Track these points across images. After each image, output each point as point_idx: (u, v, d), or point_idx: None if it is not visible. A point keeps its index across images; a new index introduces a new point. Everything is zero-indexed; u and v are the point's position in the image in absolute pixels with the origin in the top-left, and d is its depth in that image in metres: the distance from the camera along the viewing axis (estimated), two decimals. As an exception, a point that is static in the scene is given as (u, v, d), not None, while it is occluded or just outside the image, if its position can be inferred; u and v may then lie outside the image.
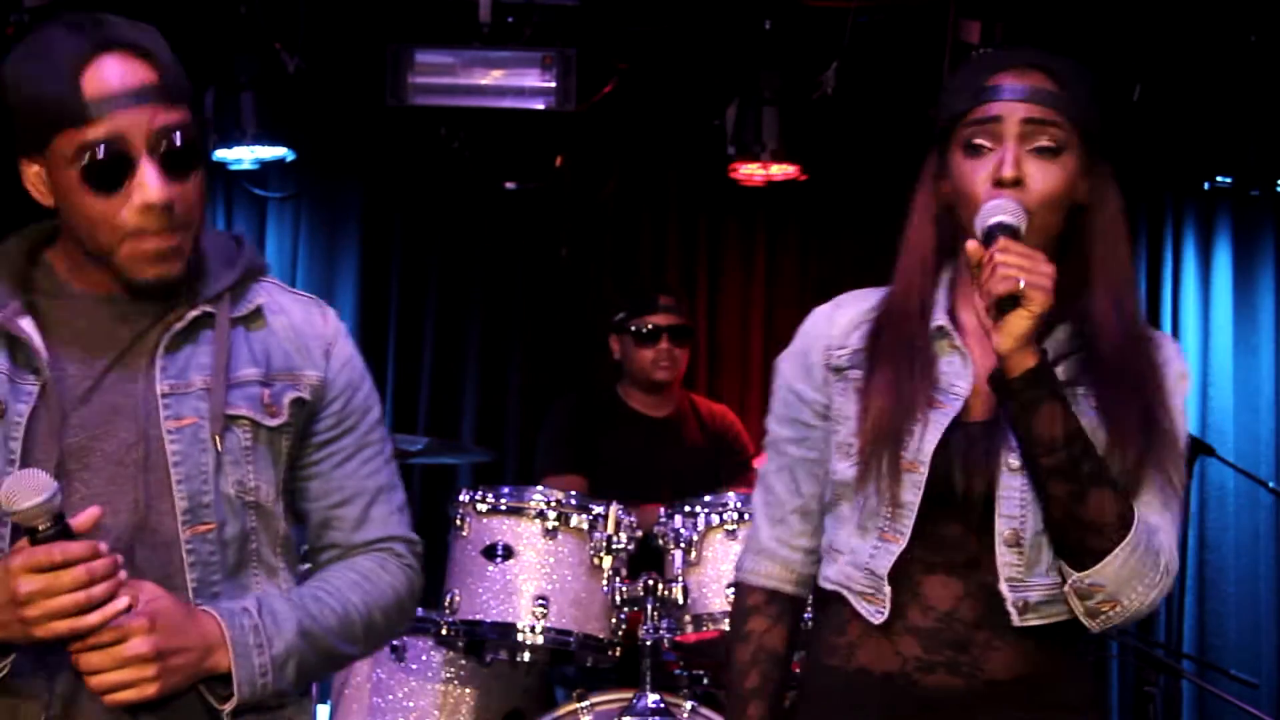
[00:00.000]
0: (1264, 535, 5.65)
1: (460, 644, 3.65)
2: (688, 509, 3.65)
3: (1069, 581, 1.91)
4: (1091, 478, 1.88)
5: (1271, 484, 5.14)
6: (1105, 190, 2.04)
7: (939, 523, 1.97)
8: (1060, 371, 1.95)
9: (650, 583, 3.47)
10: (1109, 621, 1.93)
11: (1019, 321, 1.84)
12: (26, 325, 1.87)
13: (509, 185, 5.66)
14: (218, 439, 1.88)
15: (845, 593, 2.02)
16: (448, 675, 3.80)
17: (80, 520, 1.74)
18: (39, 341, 1.86)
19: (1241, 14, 4.95)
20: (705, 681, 3.79)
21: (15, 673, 1.79)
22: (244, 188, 5.74)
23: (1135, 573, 1.89)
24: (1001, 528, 1.94)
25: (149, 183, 1.77)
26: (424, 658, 3.80)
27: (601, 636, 3.56)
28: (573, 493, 3.67)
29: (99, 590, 1.71)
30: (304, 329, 2.04)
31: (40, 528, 1.69)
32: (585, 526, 3.57)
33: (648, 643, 3.47)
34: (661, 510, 3.70)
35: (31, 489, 1.68)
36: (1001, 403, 1.92)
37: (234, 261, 1.99)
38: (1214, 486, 5.63)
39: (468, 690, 3.81)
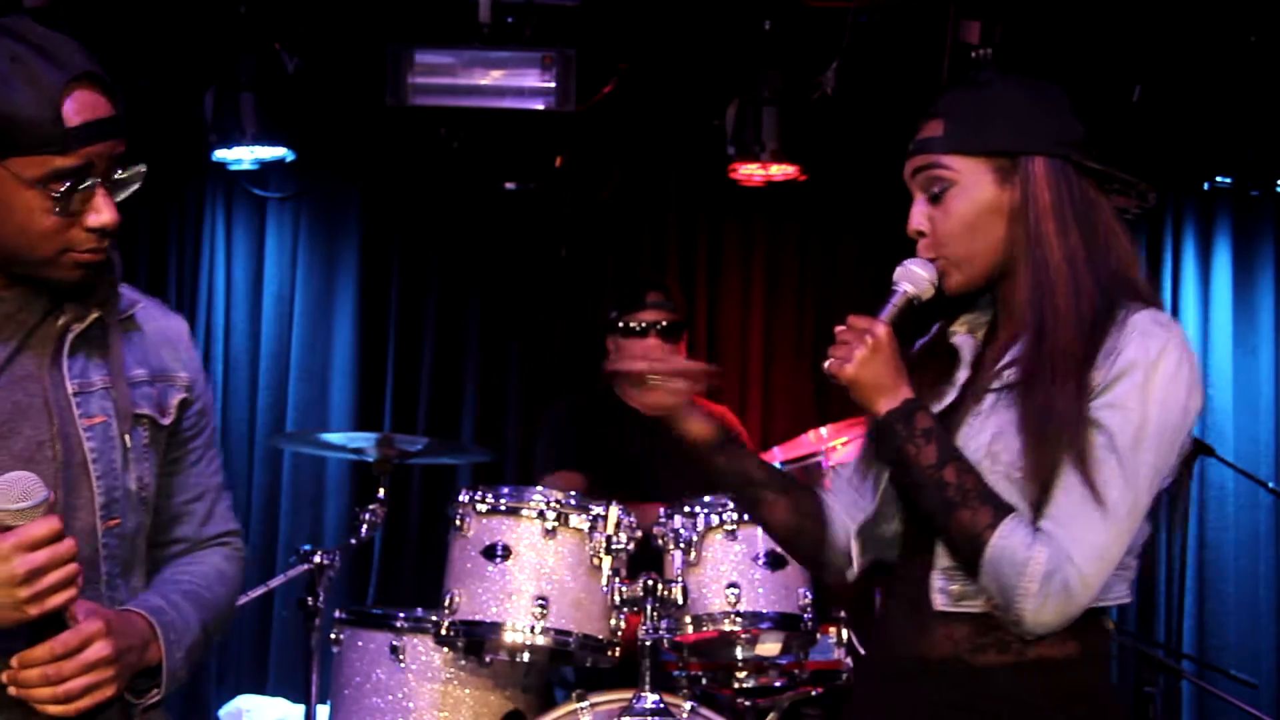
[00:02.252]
0: (1264, 535, 5.65)
1: (460, 644, 3.64)
2: (688, 509, 3.64)
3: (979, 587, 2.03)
4: (947, 503, 2.00)
5: (1271, 484, 5.14)
6: (1031, 188, 2.09)
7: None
8: (1009, 375, 2.06)
9: (650, 583, 3.47)
10: (1019, 627, 1.99)
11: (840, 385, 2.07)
12: None
13: (509, 185, 5.66)
14: (127, 437, 1.97)
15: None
16: (448, 675, 3.79)
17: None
18: None
19: (1241, 14, 4.96)
20: (705, 682, 3.79)
21: None
22: (244, 188, 5.74)
23: (1006, 583, 1.96)
24: (940, 559, 2.10)
25: (104, 208, 1.89)
26: (424, 658, 3.80)
27: (601, 637, 3.56)
28: (572, 493, 3.66)
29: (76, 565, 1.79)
30: (168, 332, 2.12)
31: (19, 526, 1.75)
32: (585, 527, 3.56)
33: (647, 643, 3.47)
34: (661, 510, 3.70)
35: (30, 490, 1.74)
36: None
37: (110, 266, 2.02)
38: (1214, 486, 5.64)
39: (468, 690, 3.80)
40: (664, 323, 4.60)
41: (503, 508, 3.59)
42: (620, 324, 4.60)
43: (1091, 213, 2.09)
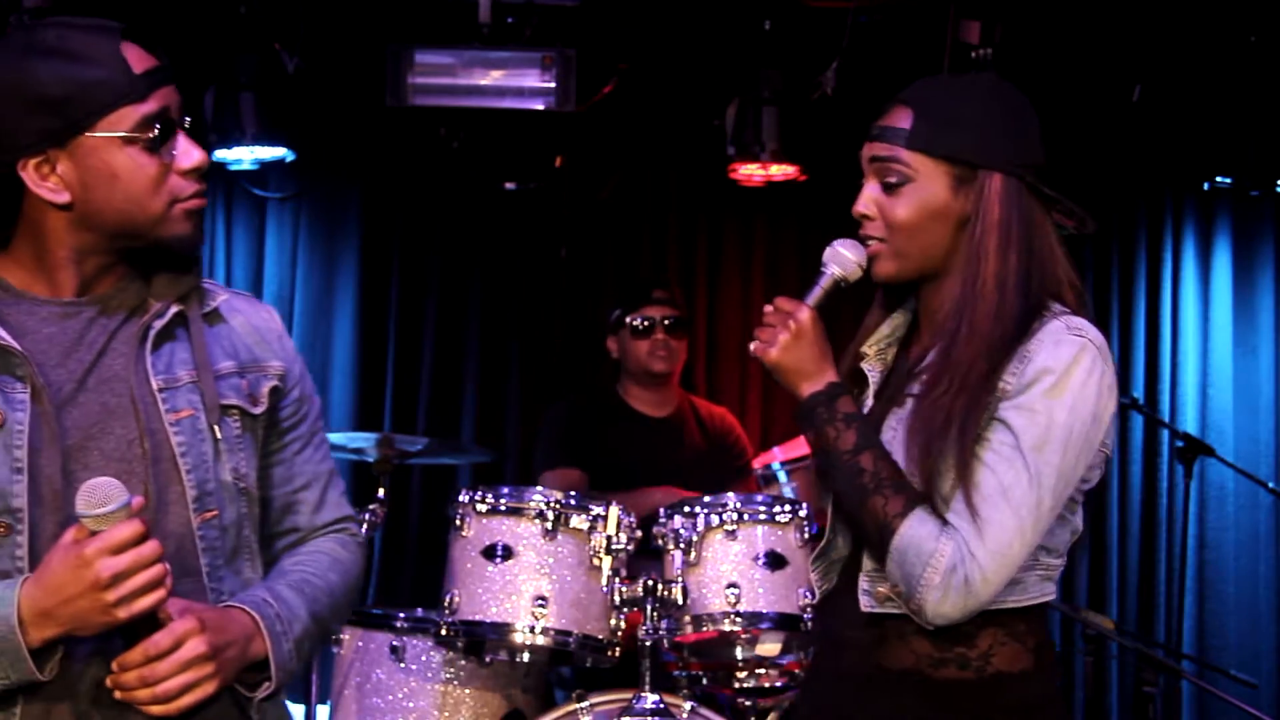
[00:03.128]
0: (1264, 535, 5.65)
1: (460, 644, 3.64)
2: (687, 509, 3.64)
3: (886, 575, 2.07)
4: (861, 490, 2.03)
5: (1271, 484, 5.15)
6: (984, 202, 2.11)
7: None
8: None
9: (650, 583, 3.47)
10: (920, 616, 2.02)
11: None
12: (5, 334, 1.91)
13: (509, 185, 5.66)
14: (216, 428, 1.98)
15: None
16: (448, 675, 3.80)
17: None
18: (20, 348, 1.90)
19: (1241, 14, 4.95)
20: (705, 682, 3.79)
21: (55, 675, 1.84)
22: (244, 188, 5.74)
23: (910, 572, 2.00)
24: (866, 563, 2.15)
25: (192, 149, 1.95)
26: (424, 658, 3.80)
27: (601, 637, 3.56)
28: (572, 493, 3.66)
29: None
30: (258, 324, 2.13)
31: (102, 530, 1.78)
32: (585, 527, 3.56)
33: (647, 643, 3.47)
34: (661, 510, 3.70)
35: (111, 495, 1.77)
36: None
37: (185, 263, 2.05)
38: (1214, 486, 5.64)
39: (468, 690, 3.80)
40: (669, 319, 4.61)
41: (503, 508, 3.58)
42: (625, 321, 4.61)
43: (1036, 237, 2.13)
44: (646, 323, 4.58)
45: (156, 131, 1.90)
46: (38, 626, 1.77)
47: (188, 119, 1.97)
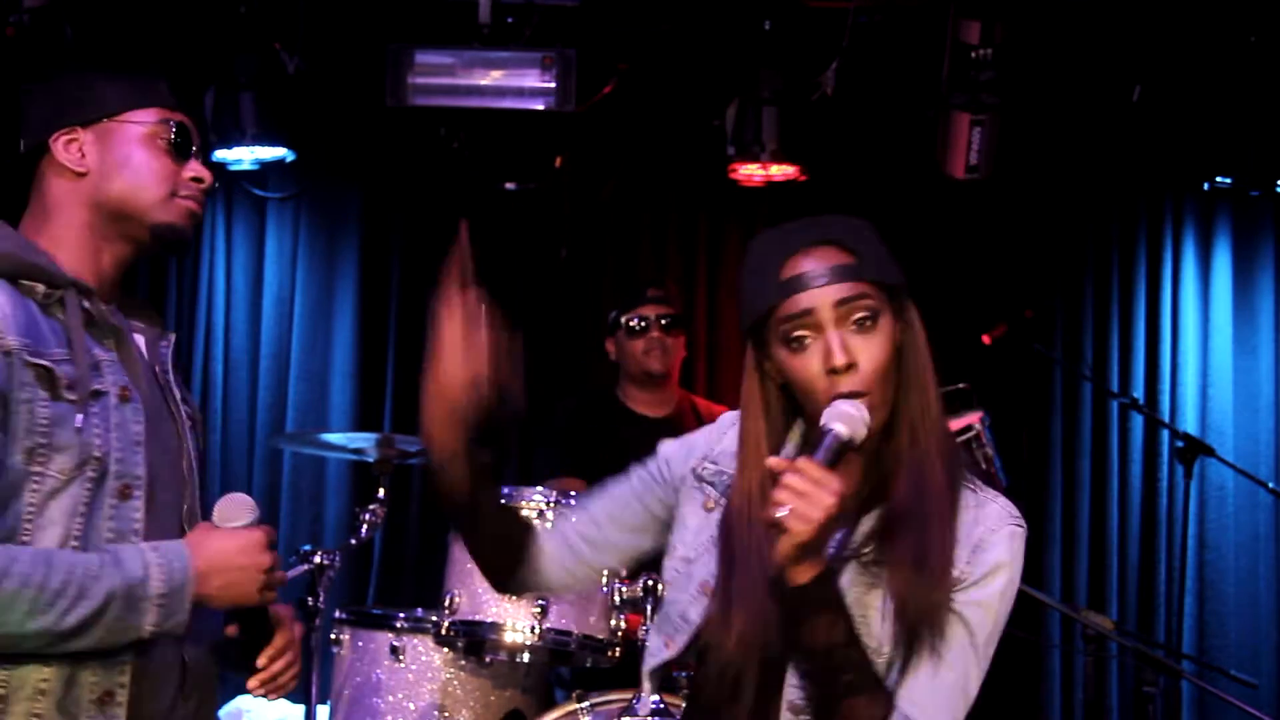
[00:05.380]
0: (1264, 535, 5.64)
1: (460, 644, 3.65)
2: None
3: None
4: (847, 688, 1.87)
5: (1271, 484, 5.14)
6: (913, 334, 1.99)
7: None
8: (874, 549, 1.95)
9: (650, 583, 3.46)
10: None
11: (784, 544, 1.81)
12: (119, 319, 2.14)
13: (509, 185, 5.65)
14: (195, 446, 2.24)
15: None
16: (448, 675, 3.80)
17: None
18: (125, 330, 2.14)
19: (1241, 14, 4.95)
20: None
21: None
22: (244, 188, 5.73)
23: None
24: (790, 694, 1.98)
25: (200, 166, 2.20)
26: (424, 658, 3.80)
27: (601, 637, 3.56)
28: (572, 493, 3.67)
29: None
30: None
31: None
32: (585, 527, 3.56)
33: (648, 643, 3.47)
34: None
35: (245, 508, 2.07)
36: (778, 603, 1.91)
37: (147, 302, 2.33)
38: (1214, 486, 5.63)
39: (468, 690, 3.80)
40: (665, 318, 4.61)
41: (503, 508, 3.58)
42: (621, 321, 4.61)
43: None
44: (642, 322, 4.58)
45: (174, 135, 2.15)
46: (201, 583, 2.00)
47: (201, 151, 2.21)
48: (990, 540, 1.95)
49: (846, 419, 1.88)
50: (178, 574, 1.98)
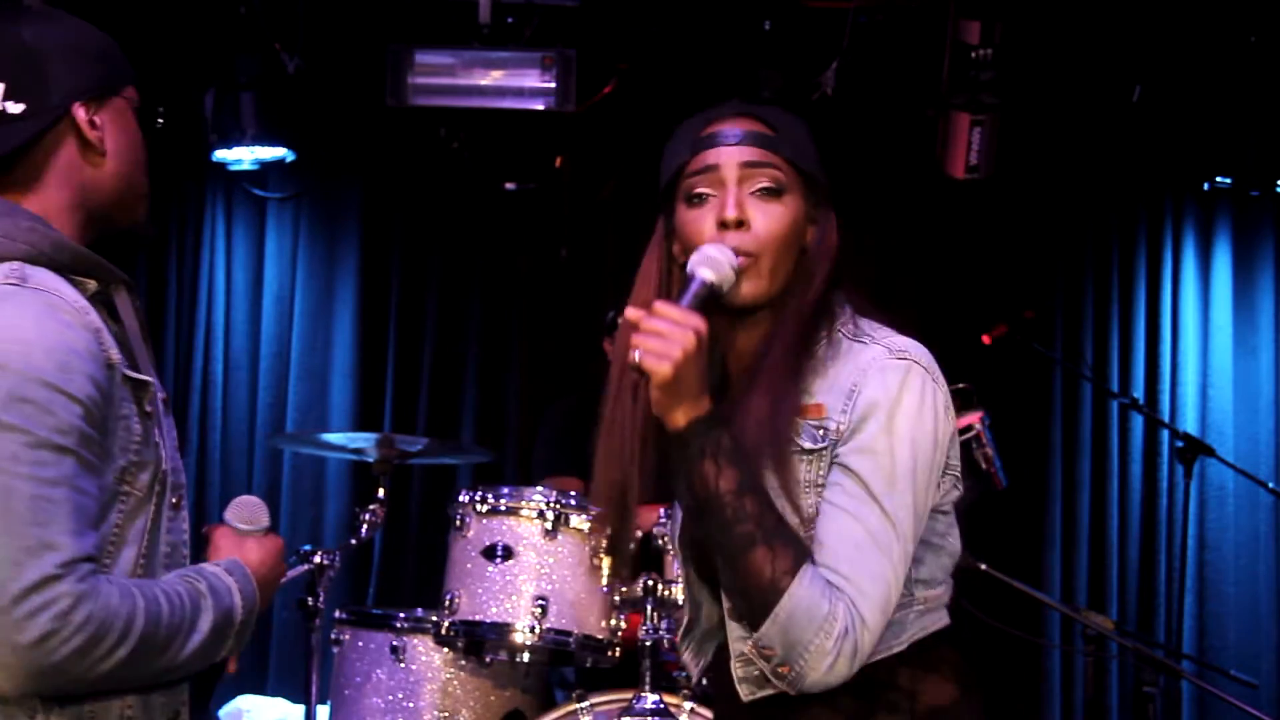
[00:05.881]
0: (1264, 535, 5.64)
1: (460, 644, 3.65)
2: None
3: (750, 641, 1.84)
4: (745, 539, 1.79)
5: (1271, 484, 5.14)
6: (823, 236, 1.98)
7: None
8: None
9: (650, 583, 3.47)
10: (796, 687, 1.81)
11: (651, 389, 1.80)
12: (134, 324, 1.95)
13: (509, 185, 5.65)
14: None
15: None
16: (448, 675, 3.80)
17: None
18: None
19: (1241, 14, 4.96)
20: (705, 682, 3.79)
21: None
22: (244, 188, 5.74)
23: (799, 639, 1.78)
24: (726, 600, 1.90)
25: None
26: (424, 658, 3.80)
27: (601, 637, 3.56)
28: (572, 493, 3.67)
29: None
30: None
31: None
32: (585, 527, 3.57)
33: (647, 643, 3.47)
34: (661, 510, 3.70)
35: (263, 509, 2.07)
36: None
37: None
38: (1214, 486, 5.63)
39: (468, 690, 3.80)
40: None
41: (503, 508, 3.59)
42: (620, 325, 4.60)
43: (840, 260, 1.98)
44: None
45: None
46: (261, 601, 1.95)
47: None
48: (862, 383, 1.88)
49: (711, 262, 1.87)
50: (249, 596, 1.90)
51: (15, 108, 1.83)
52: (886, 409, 1.85)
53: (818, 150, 2.01)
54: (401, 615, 3.86)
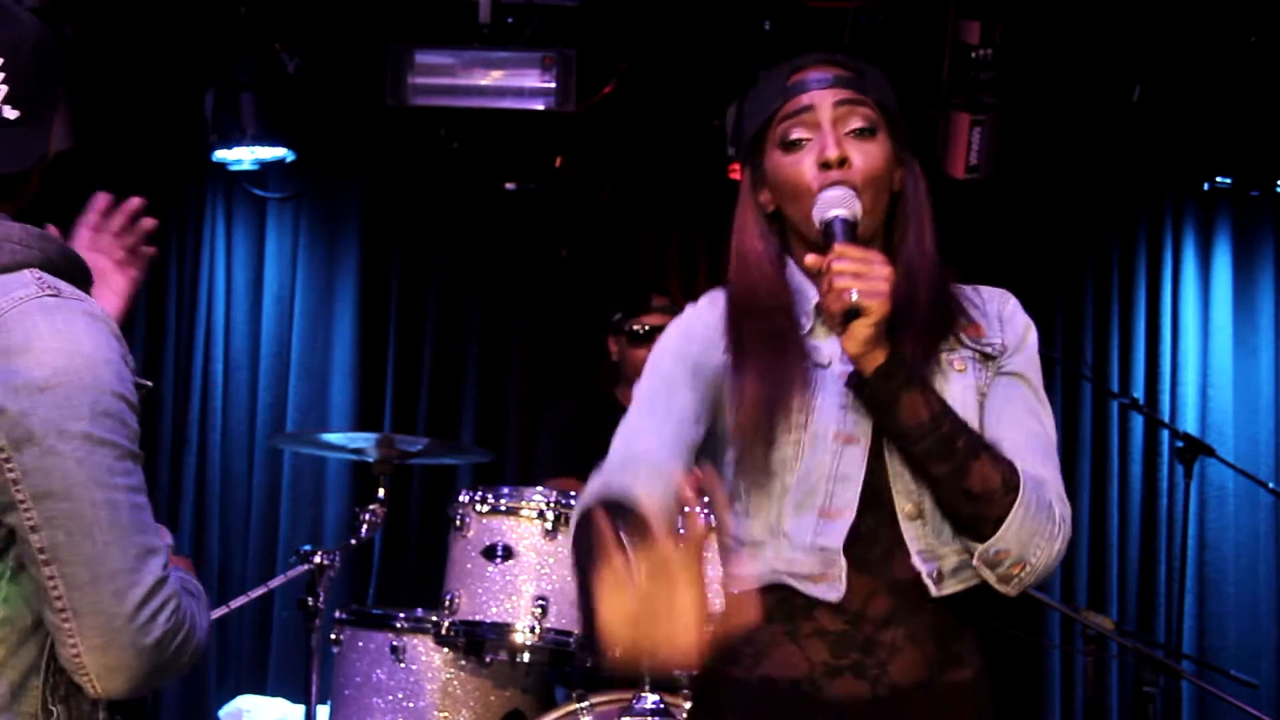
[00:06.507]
0: (1264, 535, 5.65)
1: (460, 644, 3.65)
2: (686, 510, 3.64)
3: (976, 554, 1.91)
4: (967, 451, 1.88)
5: (1271, 484, 5.14)
6: (915, 180, 2.05)
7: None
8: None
9: (650, 583, 3.46)
10: (1023, 584, 1.92)
11: (861, 329, 1.85)
12: None
13: (509, 185, 5.66)
14: None
15: (788, 580, 1.94)
16: (448, 675, 3.80)
17: None
18: None
19: (1241, 14, 4.96)
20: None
21: None
22: (244, 188, 5.74)
23: (1035, 530, 1.88)
24: (901, 503, 1.93)
25: None
26: (424, 658, 3.80)
27: (601, 637, 3.55)
28: (572, 493, 3.67)
29: None
30: None
31: None
32: (585, 527, 3.56)
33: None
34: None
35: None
36: (863, 400, 1.92)
37: None
38: (1214, 487, 5.63)
39: (468, 690, 3.80)
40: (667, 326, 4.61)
41: (503, 508, 3.59)
42: (625, 327, 4.61)
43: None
44: (645, 330, 4.58)
45: None
46: None
47: None
48: (1007, 309, 2.05)
49: (840, 202, 1.92)
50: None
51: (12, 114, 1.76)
52: (1032, 332, 2.03)
53: (894, 90, 2.06)
54: (401, 615, 3.86)
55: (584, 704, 3.52)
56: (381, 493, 4.01)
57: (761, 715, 1.95)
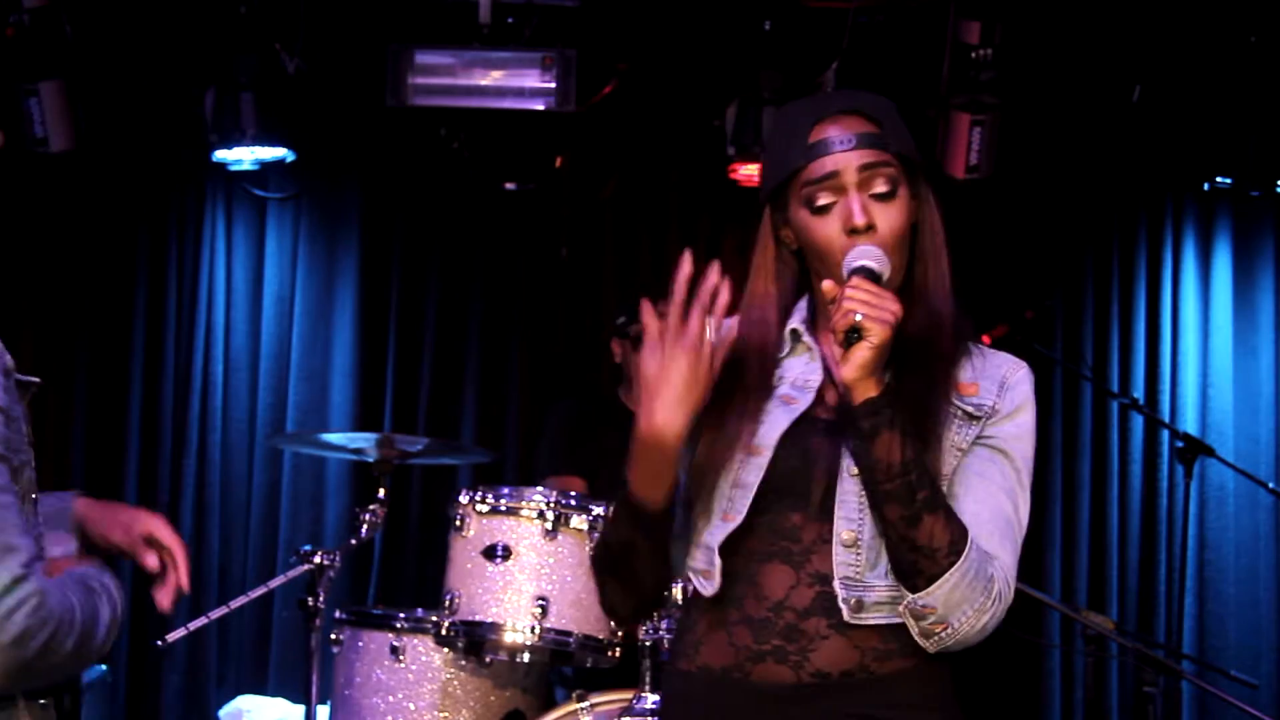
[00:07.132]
0: (1264, 535, 5.64)
1: (460, 644, 3.65)
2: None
3: (904, 602, 1.93)
4: (926, 504, 1.90)
5: (1271, 484, 5.14)
6: (929, 210, 2.09)
7: (779, 511, 2.00)
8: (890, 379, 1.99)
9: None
10: (942, 644, 1.94)
11: (860, 353, 1.88)
12: None
13: (509, 186, 5.65)
14: None
15: (692, 575, 2.04)
16: (448, 675, 3.80)
17: None
18: None
19: (1241, 14, 4.96)
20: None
21: None
22: (244, 188, 5.73)
23: (965, 597, 1.90)
24: (840, 529, 1.97)
25: None
26: (424, 658, 3.80)
27: (601, 637, 3.56)
28: (572, 493, 3.67)
29: None
30: None
31: None
32: (585, 527, 3.57)
33: (647, 643, 3.47)
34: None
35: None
36: (846, 429, 1.96)
37: None
38: (1214, 487, 5.63)
39: (468, 690, 3.81)
40: None
41: (503, 508, 3.59)
42: (630, 331, 4.60)
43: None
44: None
45: None
46: None
47: None
48: (1013, 378, 2.04)
49: (871, 256, 1.97)
50: (118, 593, 1.93)
51: None
52: (1032, 411, 2.03)
53: (903, 121, 2.09)
54: (401, 615, 3.86)
55: (584, 704, 3.52)
56: (381, 493, 4.01)
57: (703, 702, 2.02)
